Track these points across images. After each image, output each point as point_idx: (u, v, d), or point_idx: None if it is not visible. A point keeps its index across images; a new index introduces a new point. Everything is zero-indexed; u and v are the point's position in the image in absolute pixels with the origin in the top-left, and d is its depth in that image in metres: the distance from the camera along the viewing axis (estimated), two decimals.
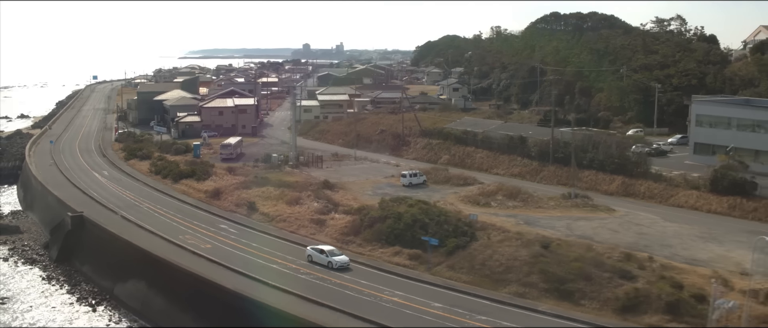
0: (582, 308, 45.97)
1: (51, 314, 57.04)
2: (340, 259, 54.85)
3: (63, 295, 61.55)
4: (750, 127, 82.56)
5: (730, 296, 44.03)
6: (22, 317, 56.66)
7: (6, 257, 72.46)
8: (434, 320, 44.15)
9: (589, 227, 60.93)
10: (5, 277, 66.51)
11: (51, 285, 64.01)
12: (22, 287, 63.59)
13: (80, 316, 56.78)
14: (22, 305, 59.27)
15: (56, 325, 54.68)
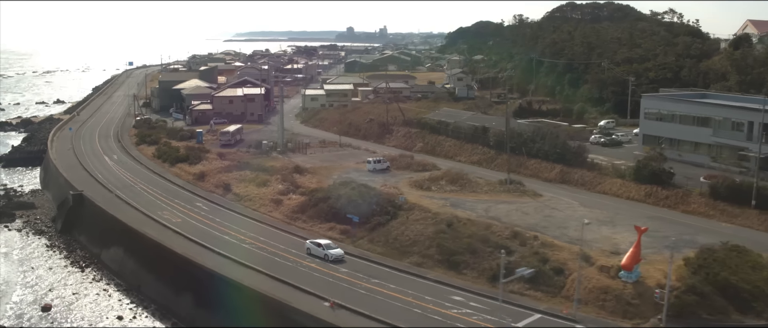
0: (463, 277, 55.87)
1: (46, 274, 69.81)
2: (336, 252, 59.99)
3: (60, 259, 74.34)
4: (690, 121, 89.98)
5: (587, 271, 53.17)
6: (24, 276, 69.50)
7: (20, 227, 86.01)
8: (335, 282, 54.71)
9: (505, 209, 70.32)
10: (17, 244, 79.83)
11: (52, 252, 76.97)
12: (28, 253, 76.70)
13: (69, 276, 69.32)
14: (26, 267, 72.21)
15: (47, 283, 67.25)
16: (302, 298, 51.25)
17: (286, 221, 71.58)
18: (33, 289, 66.36)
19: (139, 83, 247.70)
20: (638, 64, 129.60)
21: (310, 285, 53.56)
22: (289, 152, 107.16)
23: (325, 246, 60.72)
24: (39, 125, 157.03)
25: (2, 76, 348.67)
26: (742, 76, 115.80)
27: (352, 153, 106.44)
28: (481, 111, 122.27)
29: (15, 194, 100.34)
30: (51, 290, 65.80)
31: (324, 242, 61.72)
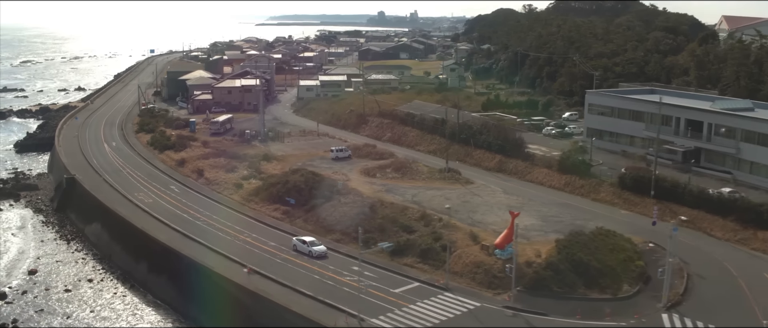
0: (369, 251, 66.59)
1: (37, 245, 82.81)
2: (319, 249, 65.22)
3: (51, 233, 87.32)
4: (626, 116, 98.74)
5: (471, 249, 63.30)
6: (18, 247, 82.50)
7: (23, 206, 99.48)
8: (261, 253, 66.02)
9: (430, 195, 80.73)
10: (18, 220, 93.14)
11: (46, 227, 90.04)
12: (26, 228, 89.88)
13: (57, 247, 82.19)
14: (21, 238, 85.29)
15: (37, 252, 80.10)
16: (224, 263, 62.92)
17: (242, 202, 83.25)
18: (24, 256, 79.29)
19: (159, 71, 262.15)
20: (608, 59, 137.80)
21: (234, 253, 65.09)
22: (269, 141, 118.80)
23: (309, 243, 66.04)
24: (55, 113, 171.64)
25: (31, 62, 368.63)
26: (701, 72, 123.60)
27: (327, 142, 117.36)
28: (451, 104, 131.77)
29: (23, 177, 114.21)
30: (39, 258, 78.60)
31: (308, 239, 67.03)
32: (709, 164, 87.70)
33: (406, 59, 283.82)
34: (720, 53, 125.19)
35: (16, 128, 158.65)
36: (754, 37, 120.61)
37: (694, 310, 52.56)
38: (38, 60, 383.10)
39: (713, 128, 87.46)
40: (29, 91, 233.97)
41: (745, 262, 61.59)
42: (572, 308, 53.40)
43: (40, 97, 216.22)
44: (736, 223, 67.72)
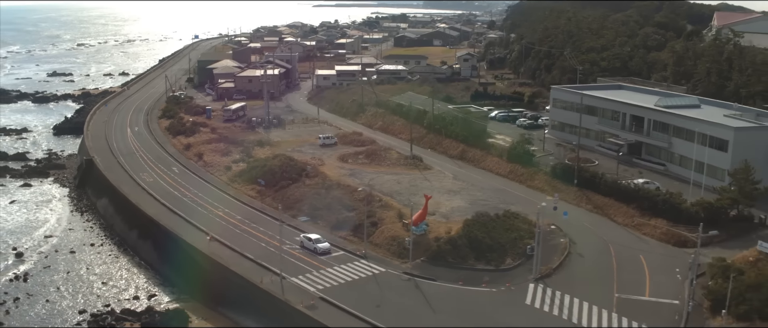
0: (316, 225, 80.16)
1: (56, 215, 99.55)
2: (323, 246, 71.57)
3: (70, 206, 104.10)
4: (584, 110, 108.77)
5: (396, 225, 75.98)
6: (41, 216, 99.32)
7: (52, 182, 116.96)
8: (226, 224, 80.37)
9: (386, 179, 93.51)
10: (45, 194, 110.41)
11: (68, 199, 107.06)
12: (50, 200, 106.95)
13: (72, 217, 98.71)
14: (45, 210, 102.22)
15: (55, 221, 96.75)
16: (188, 230, 77.69)
17: (227, 182, 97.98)
18: (44, 223, 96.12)
19: (201, 57, 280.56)
20: (597, 54, 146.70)
21: (204, 224, 79.67)
22: (273, 128, 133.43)
23: (315, 240, 72.50)
24: (94, 98, 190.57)
25: (85, 45, 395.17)
26: (678, 68, 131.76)
27: (323, 129, 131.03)
28: (441, 97, 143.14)
29: (55, 157, 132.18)
30: (55, 225, 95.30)
31: (314, 236, 73.47)
32: (648, 157, 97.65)
33: (438, 46, 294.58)
34: (698, 50, 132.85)
35: (57, 112, 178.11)
36: (727, 36, 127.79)
37: (558, 282, 64.18)
38: (92, 43, 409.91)
39: (651, 124, 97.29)
40: (77, 75, 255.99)
41: (629, 244, 72.36)
42: (459, 276, 65.85)
43: (85, 82, 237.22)
44: (636, 210, 78.29)
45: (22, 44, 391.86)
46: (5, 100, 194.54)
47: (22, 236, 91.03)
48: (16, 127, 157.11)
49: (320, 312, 59.07)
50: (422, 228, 73.65)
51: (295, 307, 59.69)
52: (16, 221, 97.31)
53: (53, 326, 66.21)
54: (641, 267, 66.44)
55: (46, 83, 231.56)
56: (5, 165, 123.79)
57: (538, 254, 65.33)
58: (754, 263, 63.43)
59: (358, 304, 59.97)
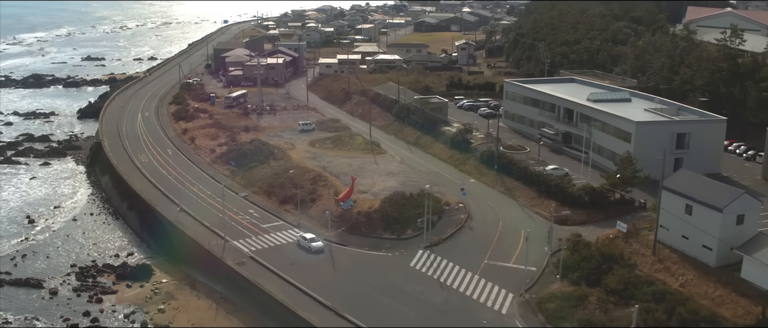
0: (270, 200, 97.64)
1: (67, 189, 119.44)
2: (317, 245, 79.86)
3: (79, 182, 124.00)
4: (529, 102, 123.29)
5: (329, 201, 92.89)
6: (54, 190, 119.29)
7: (68, 161, 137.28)
8: (196, 198, 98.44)
9: (341, 162, 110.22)
10: (61, 172, 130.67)
11: (78, 177, 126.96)
12: (64, 177, 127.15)
13: (79, 190, 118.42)
14: (57, 185, 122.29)
15: (65, 194, 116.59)
16: (165, 202, 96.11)
17: (208, 163, 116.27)
18: (55, 196, 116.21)
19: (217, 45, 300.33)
20: (568, 47, 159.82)
21: (177, 197, 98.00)
22: (266, 114, 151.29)
23: (310, 240, 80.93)
24: (121, 82, 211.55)
25: (123, 28, 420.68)
26: (637, 62, 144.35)
27: (310, 116, 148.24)
28: (422, 86, 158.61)
29: (74, 139, 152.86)
30: (65, 198, 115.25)
31: (309, 236, 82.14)
32: (576, 145, 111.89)
33: (455, 31, 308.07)
34: (657, 45, 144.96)
35: (84, 96, 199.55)
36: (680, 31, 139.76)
37: (444, 250, 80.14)
38: (130, 26, 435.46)
39: (578, 116, 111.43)
40: (109, 59, 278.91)
41: (518, 221, 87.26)
42: (367, 243, 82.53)
43: (116, 67, 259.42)
44: (535, 192, 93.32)
45: (69, 25, 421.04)
46: (39, 85, 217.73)
47: (37, 207, 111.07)
48: (45, 111, 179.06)
49: (246, 268, 76.65)
50: (349, 204, 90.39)
51: (228, 264, 77.50)
52: (34, 195, 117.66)
53: (49, 277, 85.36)
54: (518, 240, 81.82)
55: (79, 68, 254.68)
56: (31, 146, 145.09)
57: (427, 225, 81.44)
58: (611, 239, 78.29)
59: (277, 262, 77.39)
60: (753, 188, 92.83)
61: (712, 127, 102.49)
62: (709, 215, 69.07)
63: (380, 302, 68.05)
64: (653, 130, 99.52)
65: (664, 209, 75.18)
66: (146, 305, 76.96)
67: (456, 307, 67.09)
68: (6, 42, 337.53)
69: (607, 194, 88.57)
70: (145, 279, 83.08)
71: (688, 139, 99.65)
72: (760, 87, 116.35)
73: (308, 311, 66.78)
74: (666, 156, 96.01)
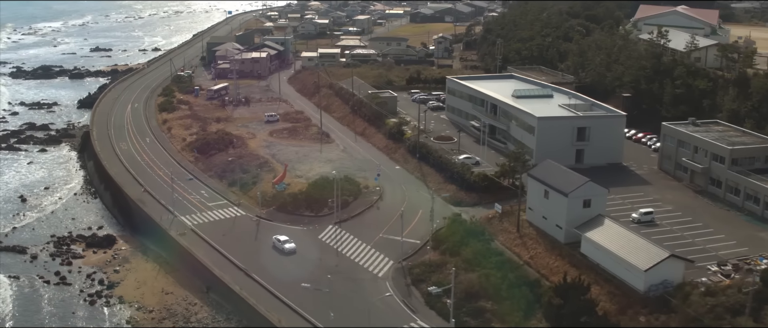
0: (221, 182, 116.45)
1: (58, 173, 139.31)
2: (289, 246, 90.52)
3: (71, 167, 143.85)
4: (465, 97, 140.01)
5: (267, 184, 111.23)
6: (47, 173, 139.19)
7: (62, 148, 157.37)
8: (160, 180, 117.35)
9: (290, 150, 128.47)
10: (55, 157, 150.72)
11: (70, 163, 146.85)
12: (57, 162, 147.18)
13: (68, 174, 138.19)
14: (55, 168, 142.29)
15: (56, 177, 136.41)
16: (132, 184, 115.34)
17: (178, 151, 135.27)
18: (47, 178, 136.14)
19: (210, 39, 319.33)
20: (522, 44, 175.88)
21: (143, 179, 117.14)
22: (241, 105, 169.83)
23: (283, 241, 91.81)
24: (121, 74, 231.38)
25: (133, 17, 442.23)
26: (579, 58, 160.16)
27: (280, 107, 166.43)
28: (385, 80, 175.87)
29: (71, 128, 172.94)
30: (54, 180, 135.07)
31: (283, 238, 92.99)
32: (499, 137, 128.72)
33: (449, 22, 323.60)
34: (598, 42, 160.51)
35: (86, 87, 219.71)
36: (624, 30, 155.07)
37: (350, 226, 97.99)
38: (143, 15, 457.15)
39: (500, 111, 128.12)
40: (116, 50, 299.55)
41: (421, 203, 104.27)
42: (289, 219, 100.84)
43: (121, 58, 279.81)
44: (443, 178, 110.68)
45: (94, 12, 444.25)
46: (47, 76, 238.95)
47: (31, 188, 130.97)
48: (48, 102, 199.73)
49: (186, 238, 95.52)
50: (282, 186, 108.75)
51: (170, 234, 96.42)
52: (30, 177, 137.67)
53: (32, 245, 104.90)
54: (414, 218, 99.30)
55: (86, 59, 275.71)
56: (32, 134, 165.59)
57: (337, 204, 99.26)
58: (490, 218, 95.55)
59: (211, 233, 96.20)
60: (644, 176, 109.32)
61: (611, 122, 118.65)
62: (559, 199, 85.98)
63: (283, 265, 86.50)
64: (555, 124, 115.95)
65: (529, 193, 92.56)
66: (105, 267, 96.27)
67: (342, 270, 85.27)
68: (22, 32, 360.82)
69: (499, 180, 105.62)
70: (108, 247, 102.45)
71: (588, 133, 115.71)
72: (675, 84, 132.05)
73: (224, 270, 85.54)
74: (568, 148, 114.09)
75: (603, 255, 78.67)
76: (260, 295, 79.86)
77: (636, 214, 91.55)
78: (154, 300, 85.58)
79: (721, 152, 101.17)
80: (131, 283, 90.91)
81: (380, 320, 73.64)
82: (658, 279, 73.04)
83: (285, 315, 75.11)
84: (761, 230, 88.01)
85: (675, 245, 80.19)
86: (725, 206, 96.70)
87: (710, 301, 68.62)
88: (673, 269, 73.62)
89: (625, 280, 75.15)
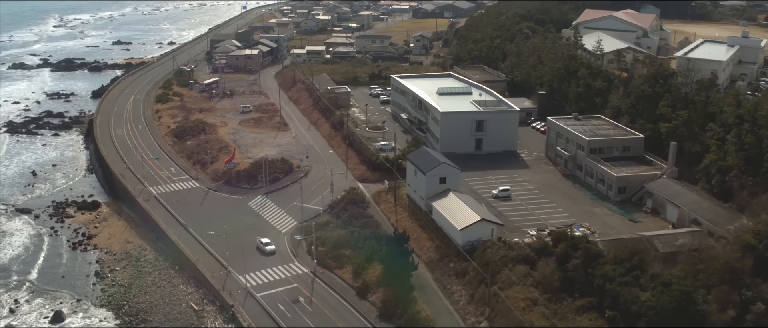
0: (188, 162, 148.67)
1: (68, 153, 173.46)
2: (269, 248, 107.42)
3: (77, 148, 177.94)
4: (403, 94, 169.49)
5: (222, 164, 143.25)
6: (59, 154, 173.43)
7: (74, 133, 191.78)
8: (141, 160, 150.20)
9: (250, 136, 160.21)
10: (70, 140, 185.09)
11: (76, 145, 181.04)
12: (69, 144, 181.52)
13: (74, 154, 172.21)
14: (64, 149, 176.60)
15: (66, 156, 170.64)
16: (118, 162, 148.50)
17: (162, 136, 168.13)
18: (56, 157, 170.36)
19: (239, 28, 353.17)
20: (474, 44, 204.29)
21: (128, 159, 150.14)
22: (225, 98, 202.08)
23: (265, 244, 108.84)
24: (135, 67, 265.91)
25: (159, 9, 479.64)
26: (515, 59, 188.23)
27: (258, 100, 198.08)
28: (352, 77, 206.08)
29: (82, 116, 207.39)
30: (62, 158, 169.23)
31: (265, 240, 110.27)
32: (423, 128, 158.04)
33: (447, 18, 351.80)
34: (534, 45, 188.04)
35: (102, 79, 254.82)
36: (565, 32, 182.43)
37: (275, 196, 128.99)
38: (167, 8, 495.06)
39: (423, 105, 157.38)
40: (135, 43, 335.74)
41: (336, 180, 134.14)
42: (231, 191, 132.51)
43: (139, 51, 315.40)
44: (359, 160, 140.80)
45: (115, 6, 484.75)
46: (70, 68, 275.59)
47: (43, 165, 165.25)
48: (66, 92, 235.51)
49: (149, 203, 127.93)
50: (232, 165, 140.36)
51: (138, 200, 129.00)
52: (43, 157, 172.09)
53: (36, 208, 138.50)
54: (325, 191, 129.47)
55: (107, 52, 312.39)
56: (48, 120, 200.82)
57: (265, 179, 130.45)
58: (380, 191, 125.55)
59: (169, 200, 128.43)
60: (529, 161, 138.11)
61: (506, 116, 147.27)
62: (421, 176, 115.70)
63: (214, 222, 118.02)
64: (456, 117, 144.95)
65: (407, 172, 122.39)
66: (88, 224, 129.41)
67: (256, 226, 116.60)
68: (54, 24, 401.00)
69: (399, 162, 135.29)
70: (94, 210, 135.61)
71: (485, 125, 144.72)
72: (578, 84, 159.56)
73: (170, 226, 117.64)
74: (469, 137, 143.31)
75: (441, 218, 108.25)
76: (189, 242, 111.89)
77: (495, 190, 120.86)
78: (118, 247, 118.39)
79: (582, 142, 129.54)
80: (105, 235, 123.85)
81: (261, 259, 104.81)
82: (473, 237, 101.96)
83: (202, 256, 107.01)
84: (597, 206, 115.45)
85: (514, 215, 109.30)
86: (580, 187, 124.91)
87: (503, 253, 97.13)
88: (484, 229, 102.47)
89: (453, 237, 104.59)
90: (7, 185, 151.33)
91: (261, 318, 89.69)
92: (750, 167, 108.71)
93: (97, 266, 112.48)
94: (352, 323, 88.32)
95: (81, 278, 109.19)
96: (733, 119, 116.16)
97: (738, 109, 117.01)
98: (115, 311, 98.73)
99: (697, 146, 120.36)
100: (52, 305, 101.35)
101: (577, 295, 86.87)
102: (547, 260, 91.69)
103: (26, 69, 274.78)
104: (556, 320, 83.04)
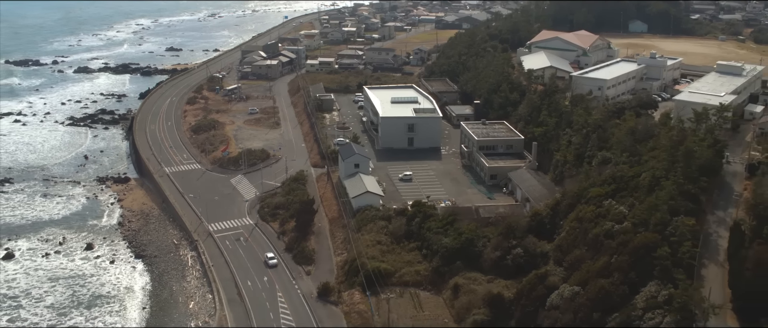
0: (197, 150, 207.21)
1: (112, 142, 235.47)
2: (273, 262, 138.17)
3: (118, 138, 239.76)
4: (366, 101, 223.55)
5: (220, 152, 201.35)
6: (103, 144, 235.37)
7: (120, 127, 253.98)
8: (163, 147, 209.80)
9: (249, 132, 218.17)
10: (116, 133, 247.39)
11: (119, 136, 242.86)
12: (117, 134, 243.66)
13: (118, 144, 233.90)
14: (106, 142, 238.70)
15: (106, 146, 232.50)
16: (146, 148, 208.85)
17: (185, 131, 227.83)
18: (105, 146, 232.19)
19: (274, 37, 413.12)
20: (445, 59, 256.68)
21: (153, 145, 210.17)
22: (241, 101, 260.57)
23: (269, 258, 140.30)
24: (178, 72, 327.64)
25: (215, 15, 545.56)
26: (471, 74, 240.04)
27: (266, 103, 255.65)
28: (344, 85, 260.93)
29: (128, 114, 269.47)
30: (105, 147, 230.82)
31: (269, 255, 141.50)
32: (376, 129, 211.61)
33: (468, 28, 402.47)
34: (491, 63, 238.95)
35: (149, 83, 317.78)
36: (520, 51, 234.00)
37: (251, 176, 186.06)
38: (223, 14, 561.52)
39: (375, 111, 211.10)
40: (185, 50, 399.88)
41: (298, 165, 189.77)
42: (222, 171, 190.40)
43: (188, 57, 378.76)
44: (318, 152, 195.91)
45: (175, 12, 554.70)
46: (125, 72, 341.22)
47: (93, 151, 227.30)
48: (119, 94, 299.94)
49: (162, 180, 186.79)
50: (226, 153, 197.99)
51: (155, 177, 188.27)
52: (93, 145, 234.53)
53: (85, 180, 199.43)
54: (286, 173, 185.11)
55: (160, 58, 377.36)
56: (101, 117, 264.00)
57: (244, 163, 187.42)
58: (322, 174, 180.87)
59: (177, 178, 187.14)
60: (444, 155, 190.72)
61: (432, 120, 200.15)
62: (342, 162, 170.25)
63: (202, 192, 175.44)
64: (392, 122, 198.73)
65: (339, 160, 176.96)
66: (120, 193, 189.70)
67: (226, 196, 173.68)
68: (117, 29, 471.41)
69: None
70: (125, 183, 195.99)
71: (415, 127, 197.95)
72: (500, 95, 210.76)
73: (172, 194, 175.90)
74: (403, 137, 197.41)
75: (347, 192, 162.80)
76: (182, 204, 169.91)
77: (400, 175, 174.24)
78: (136, 207, 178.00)
79: (474, 141, 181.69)
80: (129, 199, 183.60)
81: (222, 213, 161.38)
82: (363, 203, 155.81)
83: (187, 211, 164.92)
84: (472, 188, 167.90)
85: (407, 192, 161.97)
86: (469, 174, 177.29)
87: (373, 213, 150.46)
88: (371, 199, 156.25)
89: (352, 203, 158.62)
90: (67, 164, 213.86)
91: (212, 248, 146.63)
92: (577, 161, 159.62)
93: (121, 218, 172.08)
94: (267, 251, 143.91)
95: (108, 226, 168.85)
96: (578, 126, 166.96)
97: (588, 118, 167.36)
98: (128, 243, 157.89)
99: (555, 145, 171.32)
100: (87, 239, 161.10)
101: (412, 240, 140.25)
102: (400, 218, 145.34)
103: (88, 72, 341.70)
104: (391, 254, 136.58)
